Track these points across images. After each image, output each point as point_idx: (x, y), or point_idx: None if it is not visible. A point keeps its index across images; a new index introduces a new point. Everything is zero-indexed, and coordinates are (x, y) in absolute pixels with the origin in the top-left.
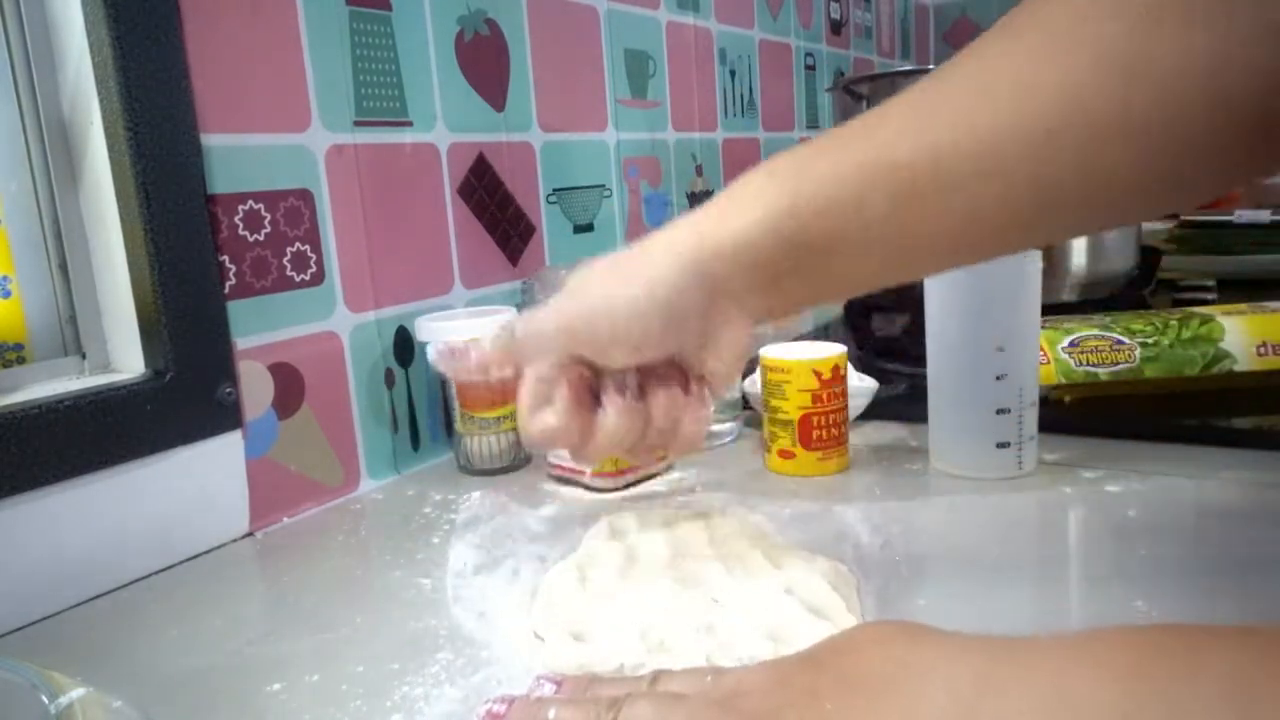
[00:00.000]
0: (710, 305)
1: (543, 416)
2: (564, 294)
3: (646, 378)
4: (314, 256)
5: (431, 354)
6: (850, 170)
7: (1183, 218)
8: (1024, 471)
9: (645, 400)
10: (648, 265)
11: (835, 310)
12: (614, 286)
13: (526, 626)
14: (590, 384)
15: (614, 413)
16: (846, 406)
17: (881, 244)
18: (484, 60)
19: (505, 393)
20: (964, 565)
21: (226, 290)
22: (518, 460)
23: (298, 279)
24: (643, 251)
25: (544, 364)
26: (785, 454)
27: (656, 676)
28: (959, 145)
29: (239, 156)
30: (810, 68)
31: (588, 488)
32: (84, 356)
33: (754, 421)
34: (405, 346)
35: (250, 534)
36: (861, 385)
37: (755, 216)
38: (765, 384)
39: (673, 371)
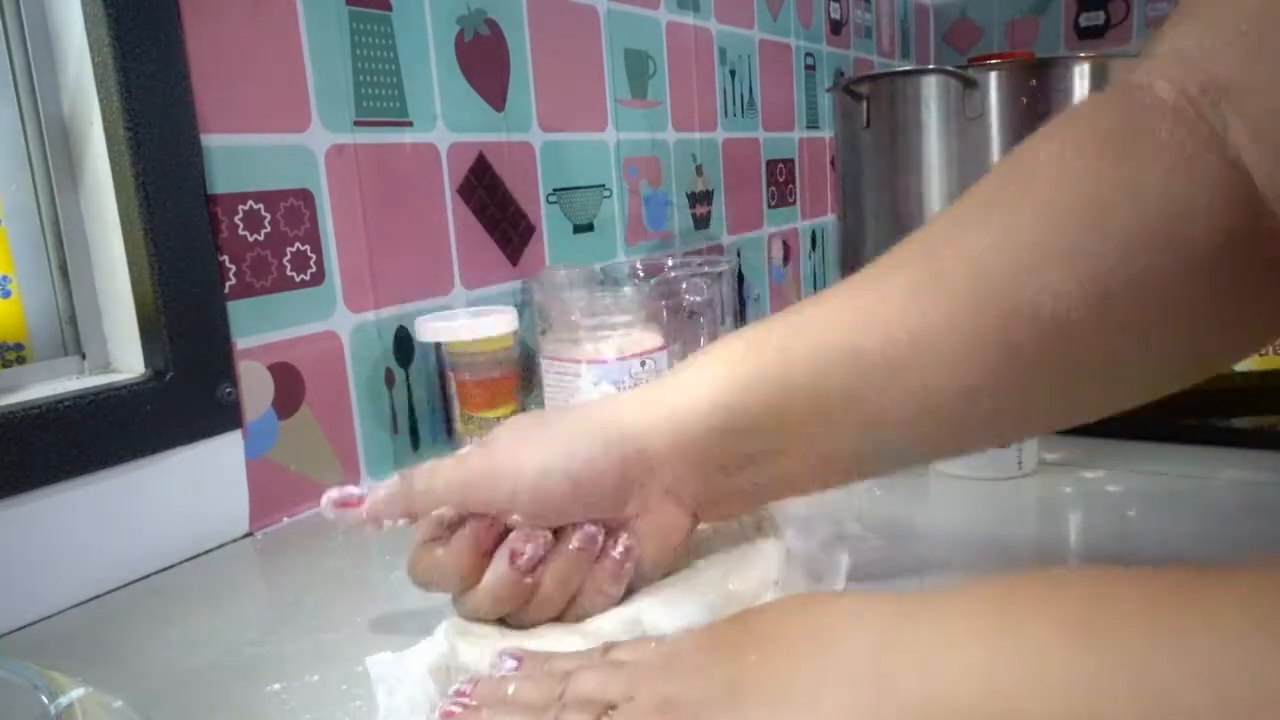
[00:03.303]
0: (630, 491)
1: (430, 551)
2: (478, 445)
3: (559, 537)
4: (314, 256)
5: (322, 502)
6: (793, 354)
7: None
8: (1024, 471)
9: (543, 563)
10: (567, 433)
11: None
12: (526, 448)
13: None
14: (498, 535)
15: (493, 575)
16: None
17: (839, 429)
18: (484, 60)
19: (506, 392)
20: (964, 565)
21: (226, 290)
22: None
23: (298, 279)
24: (570, 416)
25: (447, 511)
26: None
27: (607, 648)
28: (907, 333)
29: (239, 156)
30: (810, 68)
31: None
32: (84, 356)
33: None
34: (405, 346)
35: (250, 534)
36: None
37: (699, 403)
38: None
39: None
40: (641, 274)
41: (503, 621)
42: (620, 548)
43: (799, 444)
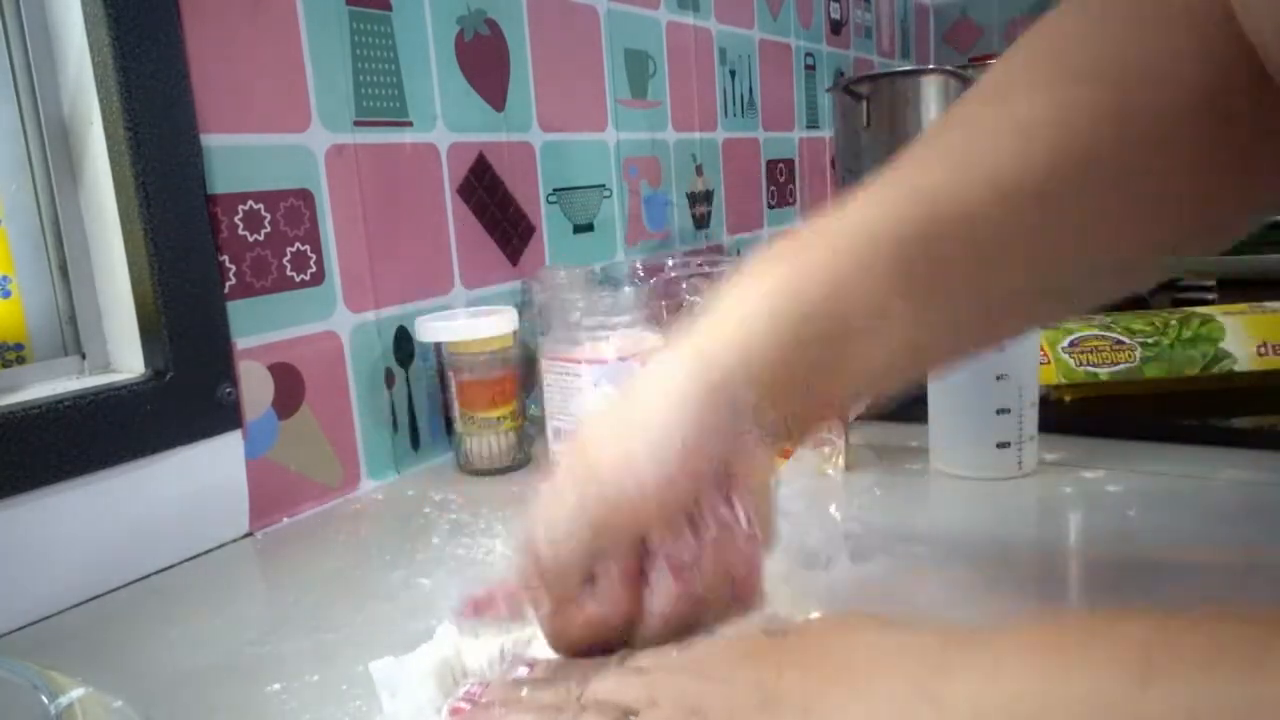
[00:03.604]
0: (730, 433)
1: (578, 612)
2: (569, 474)
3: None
4: (314, 256)
5: (452, 617)
6: (847, 246)
7: None
8: (1024, 471)
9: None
10: (656, 414)
11: None
12: (635, 452)
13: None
14: (639, 557)
15: (663, 598)
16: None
17: (897, 322)
18: (484, 60)
19: (506, 392)
20: (964, 565)
21: (226, 290)
22: (518, 460)
23: (298, 279)
24: (641, 398)
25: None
26: (785, 453)
27: (625, 656)
28: (954, 210)
29: (239, 156)
30: (810, 68)
31: None
32: (84, 356)
33: None
34: (405, 346)
35: (250, 534)
36: None
37: (758, 322)
38: None
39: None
40: (641, 274)
41: None
42: (740, 514)
43: (864, 337)
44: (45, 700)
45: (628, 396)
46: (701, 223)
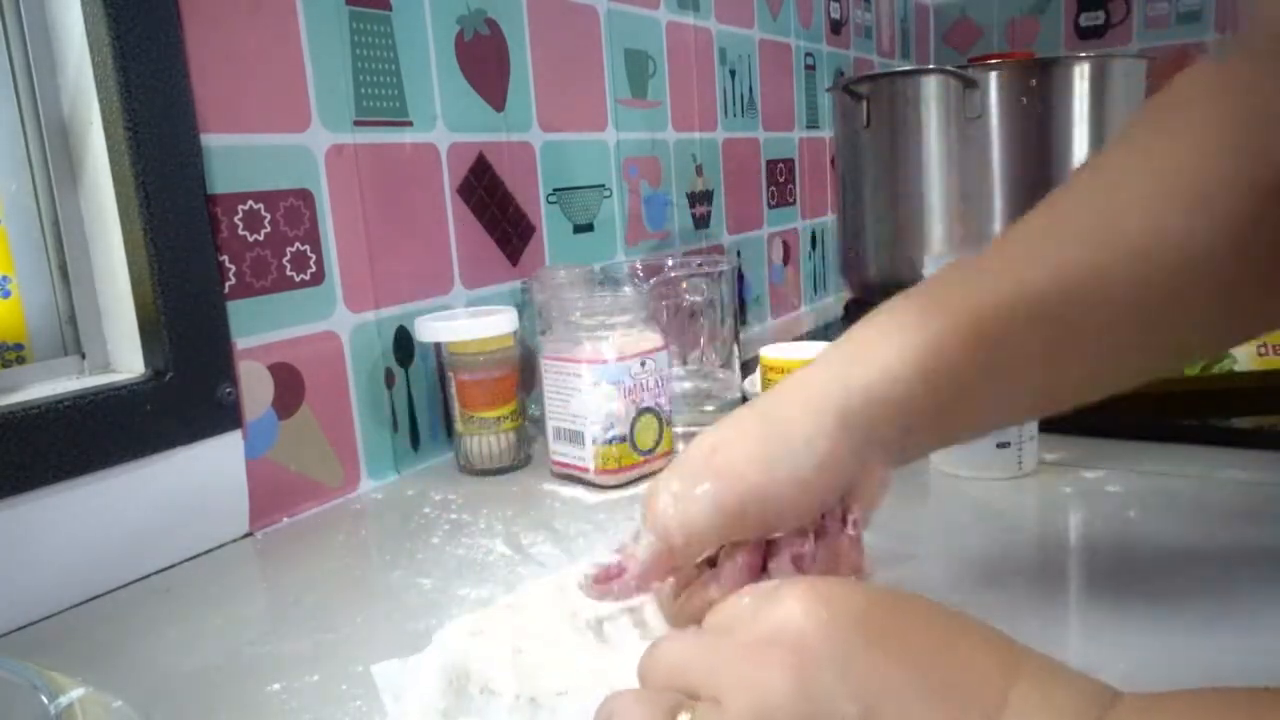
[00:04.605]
0: (861, 456)
1: (701, 596)
2: (703, 470)
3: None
4: (314, 256)
5: (579, 585)
6: (991, 303)
7: None
8: (1024, 471)
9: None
10: (797, 426)
11: (835, 311)
12: (774, 462)
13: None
14: (763, 556)
15: (784, 579)
16: None
17: (1027, 379)
18: (484, 60)
19: (506, 392)
20: (964, 565)
21: (226, 290)
22: (518, 460)
23: (298, 279)
24: (783, 410)
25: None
26: None
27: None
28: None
29: (239, 156)
30: (810, 68)
31: (591, 485)
32: (84, 356)
33: None
34: (405, 346)
35: (250, 534)
36: None
37: (894, 357)
38: (765, 384)
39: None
40: (641, 274)
41: None
42: (850, 523)
43: (989, 389)
44: (45, 700)
45: (769, 403)
46: (701, 223)
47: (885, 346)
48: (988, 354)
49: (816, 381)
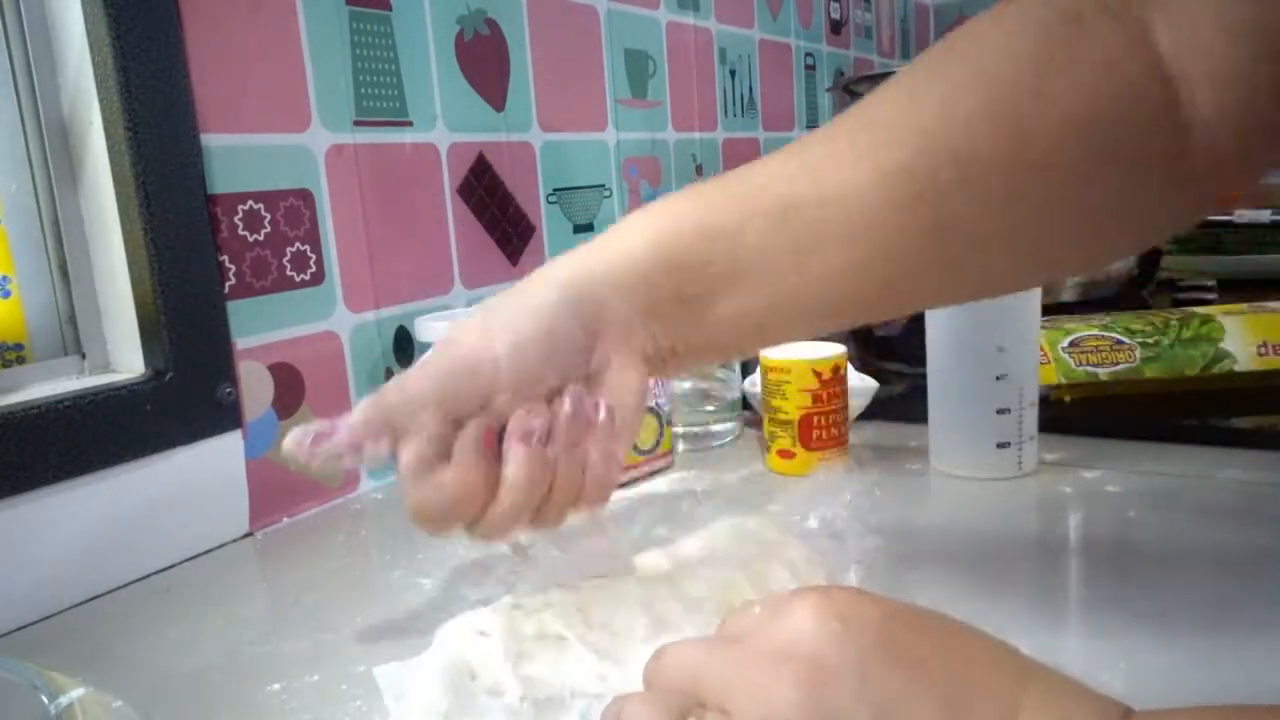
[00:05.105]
0: (592, 333)
1: (438, 477)
2: (438, 348)
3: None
4: (314, 256)
5: (287, 443)
6: (737, 196)
7: None
8: (1024, 471)
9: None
10: (524, 298)
11: None
12: (492, 327)
13: None
14: (494, 432)
15: (515, 465)
16: (847, 406)
17: (767, 276)
18: (484, 60)
19: None
20: (964, 565)
21: (226, 290)
22: None
23: (298, 279)
24: (520, 288)
25: (431, 421)
26: (785, 454)
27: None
28: (854, 179)
29: (239, 156)
30: (810, 68)
31: None
32: (84, 356)
33: (754, 422)
34: (405, 346)
35: (250, 534)
36: (861, 385)
37: (637, 241)
38: (765, 384)
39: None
40: None
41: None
42: (601, 407)
43: (741, 283)
44: (45, 700)
45: (498, 296)
46: None
47: (628, 235)
48: (724, 242)
49: (558, 263)
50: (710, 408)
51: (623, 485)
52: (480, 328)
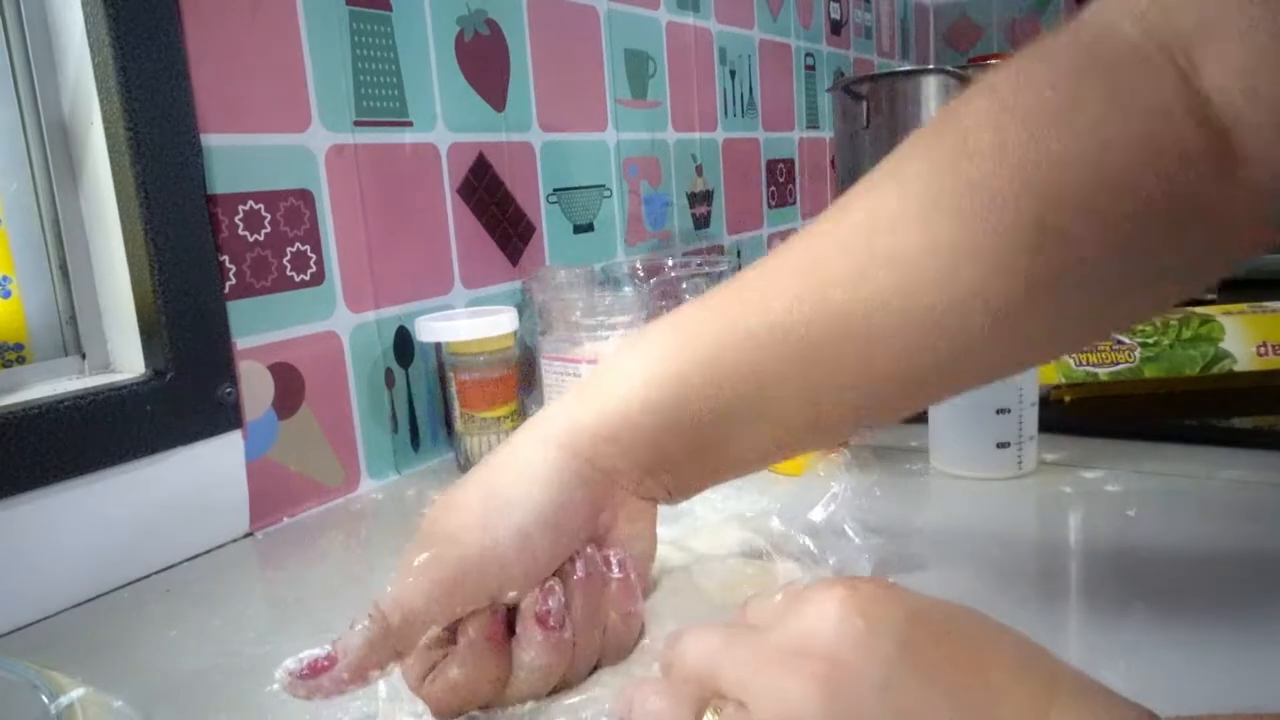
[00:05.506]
0: (601, 498)
1: (443, 678)
2: (428, 540)
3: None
4: (314, 256)
5: (279, 681)
6: (740, 336)
7: None
8: (1024, 471)
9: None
10: (523, 466)
11: None
12: (492, 513)
13: None
14: (502, 618)
15: (532, 651)
16: None
17: (781, 410)
18: (484, 60)
19: (506, 392)
20: (964, 565)
21: (226, 290)
22: None
23: (298, 279)
24: (514, 449)
25: (435, 632)
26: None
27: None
28: (843, 302)
29: (239, 156)
30: (810, 68)
31: None
32: (84, 356)
33: None
34: (405, 346)
35: (250, 534)
36: None
37: (638, 394)
38: None
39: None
40: (641, 274)
41: None
42: (616, 565)
43: (761, 419)
44: (45, 700)
45: (491, 464)
46: (701, 223)
47: (638, 380)
48: (735, 384)
49: (549, 424)
50: None
51: None
52: (479, 518)
